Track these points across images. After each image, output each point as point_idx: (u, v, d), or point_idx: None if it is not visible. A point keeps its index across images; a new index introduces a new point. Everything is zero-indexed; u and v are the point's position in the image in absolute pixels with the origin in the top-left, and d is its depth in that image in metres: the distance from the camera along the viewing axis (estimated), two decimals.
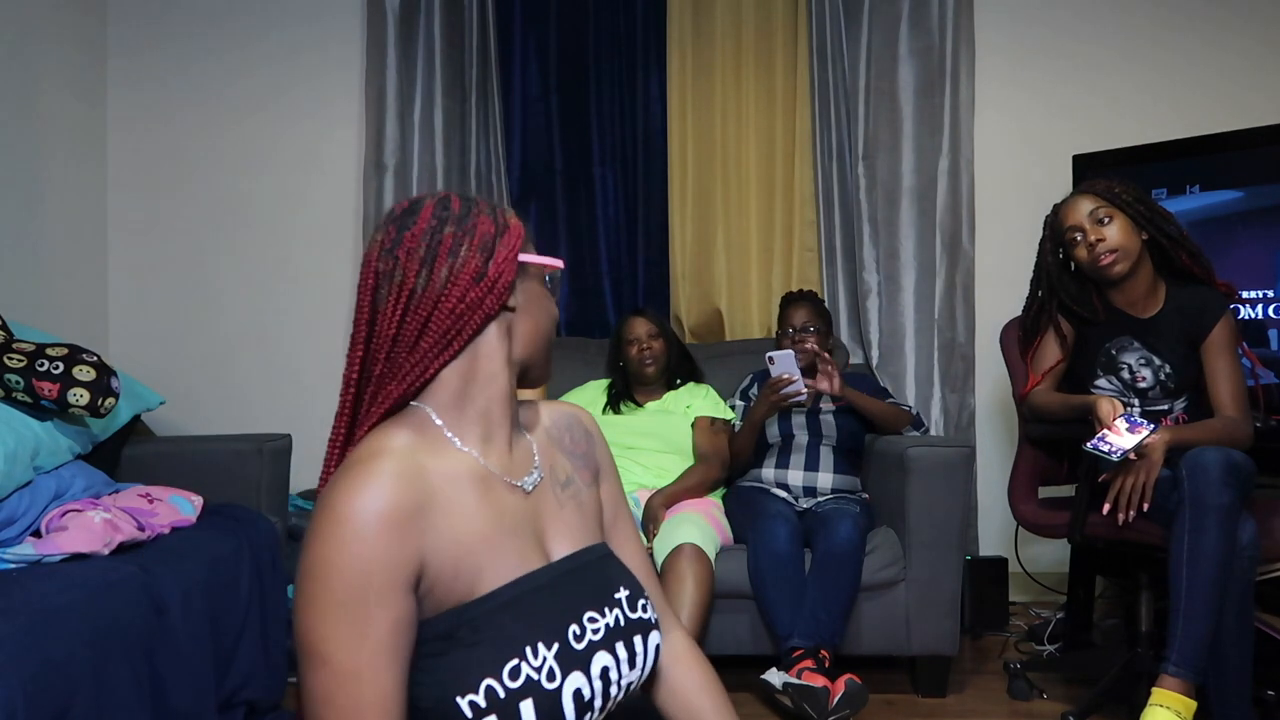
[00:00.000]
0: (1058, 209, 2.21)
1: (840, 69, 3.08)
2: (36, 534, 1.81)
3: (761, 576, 2.23)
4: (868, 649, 2.30)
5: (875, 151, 3.07)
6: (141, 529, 1.87)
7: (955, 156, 3.04)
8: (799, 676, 2.03)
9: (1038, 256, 2.26)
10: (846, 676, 2.02)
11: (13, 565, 1.65)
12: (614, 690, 0.91)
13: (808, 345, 2.55)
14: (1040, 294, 2.26)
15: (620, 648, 0.93)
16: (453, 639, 0.84)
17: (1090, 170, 2.77)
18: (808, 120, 3.12)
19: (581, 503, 1.04)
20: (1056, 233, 2.20)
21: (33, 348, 1.98)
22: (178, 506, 2.05)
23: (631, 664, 0.94)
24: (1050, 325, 2.24)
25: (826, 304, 2.93)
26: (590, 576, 0.97)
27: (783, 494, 2.52)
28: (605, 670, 0.90)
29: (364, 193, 3.19)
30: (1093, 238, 2.10)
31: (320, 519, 0.80)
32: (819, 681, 2.00)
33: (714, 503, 2.52)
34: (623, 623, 0.94)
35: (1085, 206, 2.13)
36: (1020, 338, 2.36)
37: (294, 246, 3.30)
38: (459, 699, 0.81)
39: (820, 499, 2.50)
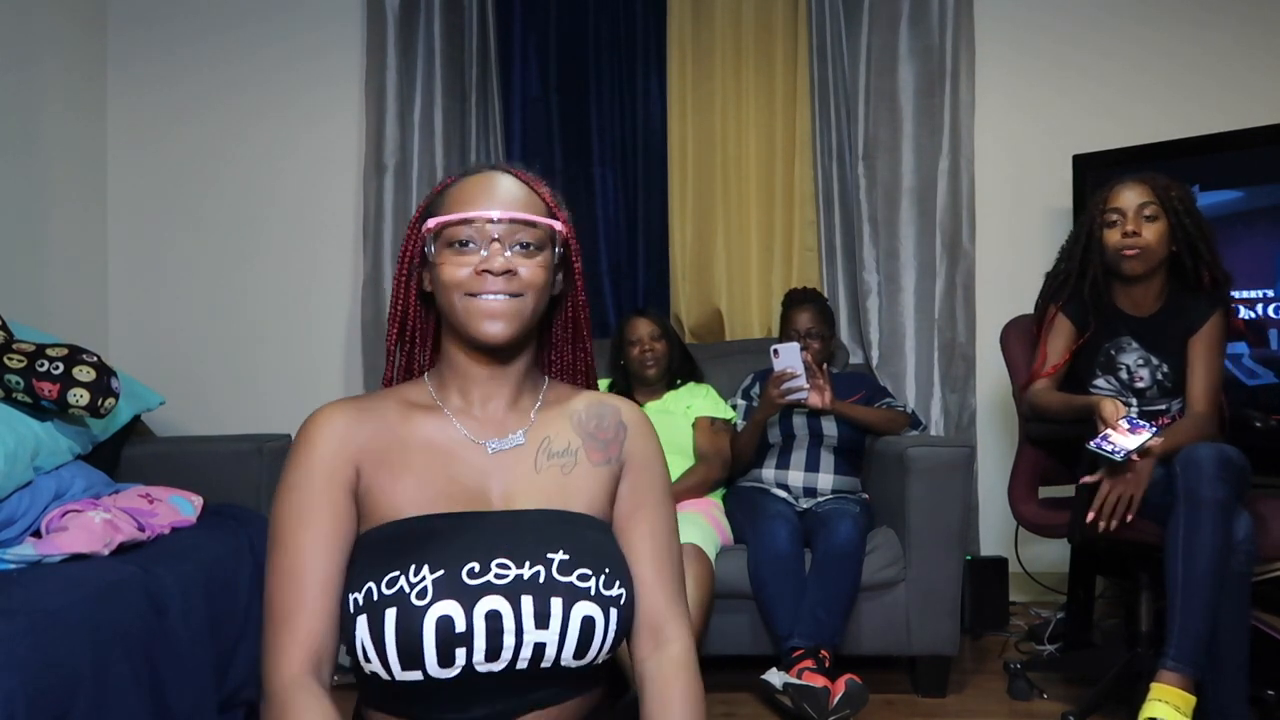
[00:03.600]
0: (1109, 187, 2.16)
1: (840, 69, 3.08)
2: (36, 534, 1.80)
3: (761, 576, 2.23)
4: (868, 649, 2.30)
5: (875, 151, 3.07)
6: (141, 529, 1.87)
7: (955, 156, 3.04)
8: (799, 676, 2.03)
9: (1084, 226, 2.19)
10: (847, 676, 2.02)
11: (13, 566, 1.65)
12: (509, 640, 0.92)
13: (805, 358, 2.52)
14: (1066, 267, 2.21)
15: (526, 601, 0.93)
16: (364, 547, 0.98)
17: (1090, 170, 2.77)
18: (808, 120, 3.12)
19: (569, 473, 1.06)
20: (1097, 208, 2.16)
21: (33, 348, 1.97)
22: (178, 507, 2.05)
23: (541, 624, 0.93)
24: (1072, 299, 2.20)
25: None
26: (524, 531, 0.99)
27: (783, 494, 2.52)
28: (495, 614, 0.92)
29: (364, 193, 3.20)
30: (1130, 227, 2.09)
31: (300, 429, 1.01)
32: (819, 681, 2.00)
33: (714, 503, 2.52)
34: (541, 579, 0.95)
35: (1138, 196, 2.11)
36: (1038, 305, 2.31)
37: (294, 246, 3.30)
38: (350, 594, 0.95)
39: (820, 499, 2.50)
